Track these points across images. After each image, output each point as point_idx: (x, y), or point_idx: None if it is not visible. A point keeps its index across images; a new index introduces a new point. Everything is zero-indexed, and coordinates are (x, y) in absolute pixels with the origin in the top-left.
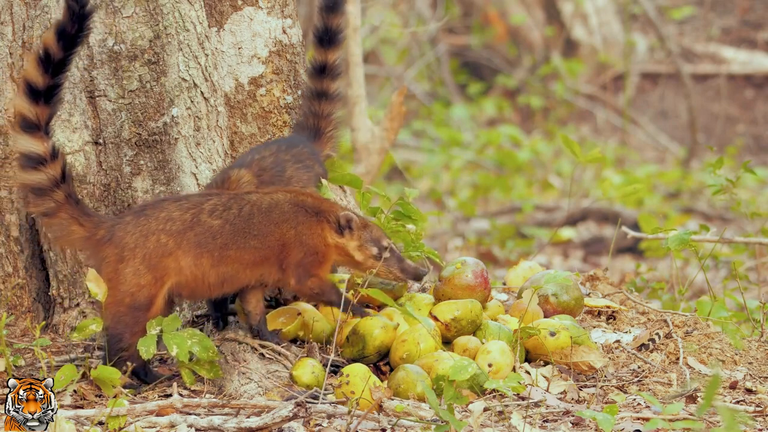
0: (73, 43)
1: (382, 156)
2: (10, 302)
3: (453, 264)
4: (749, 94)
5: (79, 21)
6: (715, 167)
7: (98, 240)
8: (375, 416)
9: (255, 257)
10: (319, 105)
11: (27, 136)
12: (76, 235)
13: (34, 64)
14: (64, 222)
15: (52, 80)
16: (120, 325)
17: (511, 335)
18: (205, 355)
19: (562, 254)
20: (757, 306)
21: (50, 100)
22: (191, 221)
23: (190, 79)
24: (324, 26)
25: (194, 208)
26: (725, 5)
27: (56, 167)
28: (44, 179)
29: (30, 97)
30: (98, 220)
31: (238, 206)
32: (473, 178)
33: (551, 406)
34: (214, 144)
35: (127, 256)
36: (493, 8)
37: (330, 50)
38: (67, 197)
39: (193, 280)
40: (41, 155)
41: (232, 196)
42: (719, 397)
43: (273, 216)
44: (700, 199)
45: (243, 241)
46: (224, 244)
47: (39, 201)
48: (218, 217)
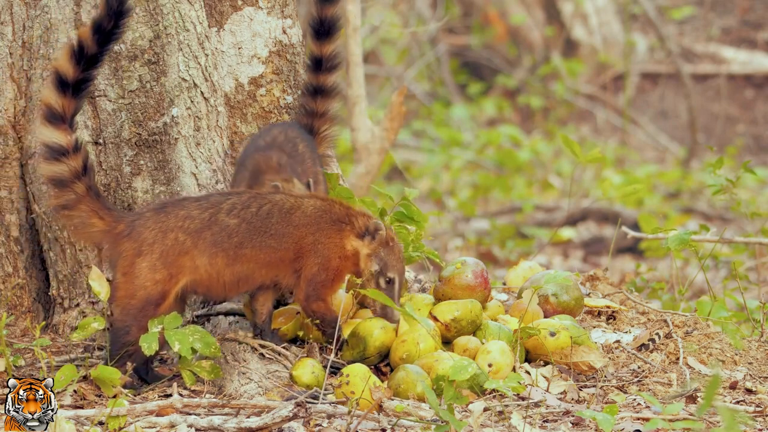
0: (108, 39)
1: (382, 156)
2: (10, 302)
3: (453, 264)
4: (749, 94)
5: (116, 18)
6: (715, 167)
7: (117, 234)
8: (375, 416)
9: (271, 257)
10: (314, 102)
11: (52, 127)
12: (96, 228)
13: (67, 56)
14: (84, 215)
15: (82, 74)
16: (128, 318)
17: (511, 335)
18: (207, 351)
19: (562, 254)
20: (757, 306)
21: (78, 94)
22: (209, 220)
23: (190, 79)
24: (318, 17)
25: (213, 208)
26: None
27: (78, 159)
28: (65, 171)
29: (59, 88)
30: (118, 215)
31: (258, 205)
32: (473, 178)
33: (551, 406)
34: (214, 144)
35: (144, 251)
36: (493, 8)
37: (325, 43)
38: (88, 190)
39: (207, 279)
40: (64, 147)
41: (254, 195)
42: (719, 397)
43: (293, 218)
44: (700, 199)
45: (259, 240)
46: (240, 243)
47: (60, 193)
48: (236, 216)
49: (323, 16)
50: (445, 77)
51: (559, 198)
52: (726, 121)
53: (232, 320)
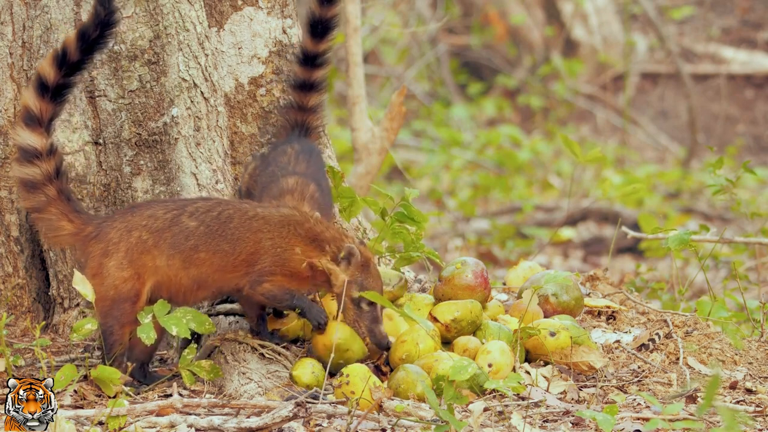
0: (92, 48)
1: (382, 156)
2: (10, 302)
3: (453, 264)
4: (749, 94)
5: (101, 27)
6: (715, 167)
7: (86, 236)
8: (375, 416)
9: (224, 262)
10: (305, 97)
11: (28, 130)
12: (65, 231)
13: (51, 60)
14: (54, 218)
15: (63, 79)
16: (109, 319)
17: (511, 335)
18: (202, 329)
19: (562, 254)
20: (757, 306)
21: (57, 98)
22: (171, 221)
23: (190, 79)
24: (319, 17)
25: (178, 210)
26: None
27: (51, 163)
28: (37, 173)
29: (39, 91)
30: (87, 218)
31: (221, 210)
32: (473, 178)
33: (551, 406)
34: (214, 144)
35: (111, 250)
36: (493, 8)
37: (322, 42)
38: (59, 193)
39: (168, 281)
40: (38, 150)
41: (222, 201)
42: (719, 397)
43: (253, 224)
44: (700, 199)
45: (214, 244)
46: (195, 246)
47: (30, 195)
48: (196, 218)
49: (321, 17)
50: (445, 77)
51: (559, 198)
52: (726, 121)
53: (232, 320)
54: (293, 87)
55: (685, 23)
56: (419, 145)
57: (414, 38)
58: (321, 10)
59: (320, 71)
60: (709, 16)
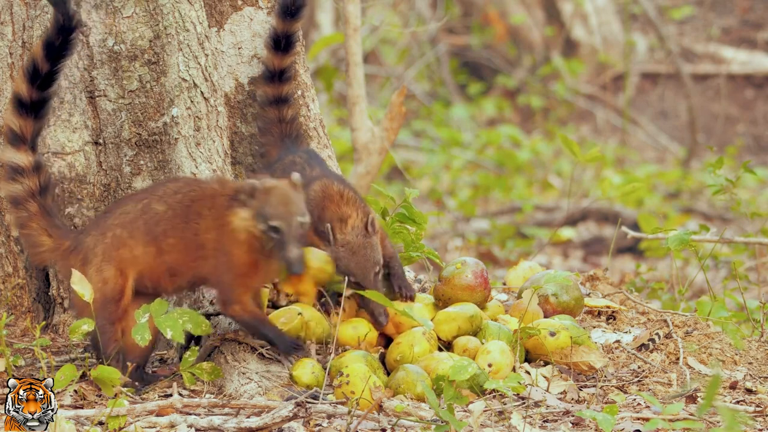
0: (59, 56)
1: (382, 156)
2: (10, 302)
3: (453, 264)
4: (749, 94)
5: (63, 34)
6: (715, 167)
7: (65, 251)
8: (375, 416)
9: (190, 248)
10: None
11: (13, 149)
12: (45, 246)
13: (23, 77)
14: (35, 233)
15: (39, 94)
16: (100, 320)
17: (511, 335)
18: (199, 330)
19: (562, 254)
20: (757, 306)
21: (37, 114)
22: (141, 209)
23: (190, 79)
24: (282, 32)
25: (147, 198)
26: (725, 5)
27: (35, 179)
28: (20, 190)
29: (17, 109)
30: (66, 233)
31: (185, 191)
32: (473, 178)
33: (551, 406)
34: (214, 144)
35: (89, 257)
36: (493, 8)
37: (286, 56)
38: (41, 208)
39: (149, 270)
40: (22, 167)
41: (190, 181)
42: (719, 397)
43: (206, 202)
44: (700, 199)
45: (181, 228)
46: (164, 231)
47: (14, 210)
48: (164, 202)
49: (284, 31)
50: (445, 77)
51: (559, 198)
52: (726, 121)
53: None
54: (269, 104)
55: (685, 23)
56: (419, 145)
57: (414, 38)
58: (284, 24)
59: (288, 85)
60: (709, 16)
